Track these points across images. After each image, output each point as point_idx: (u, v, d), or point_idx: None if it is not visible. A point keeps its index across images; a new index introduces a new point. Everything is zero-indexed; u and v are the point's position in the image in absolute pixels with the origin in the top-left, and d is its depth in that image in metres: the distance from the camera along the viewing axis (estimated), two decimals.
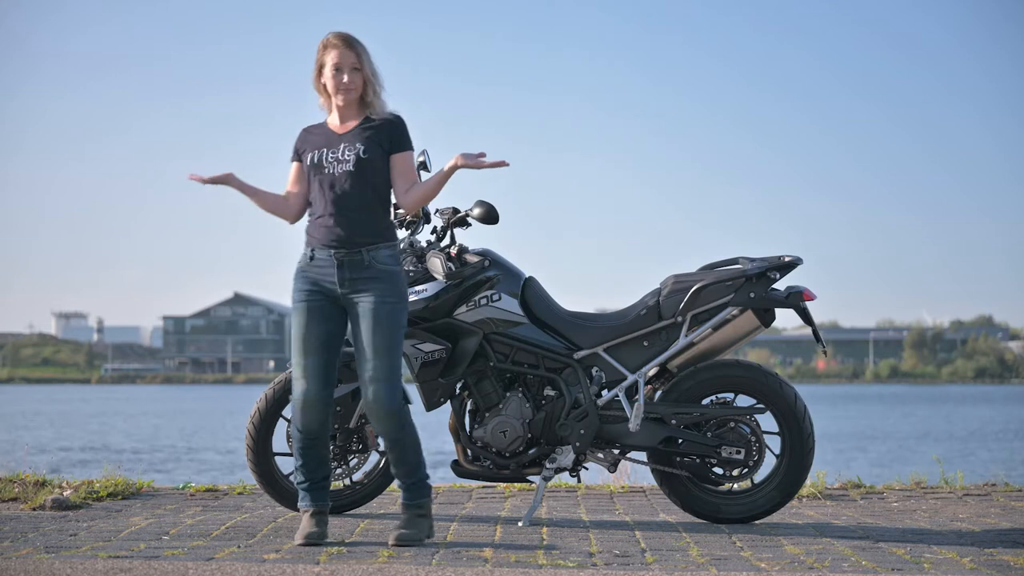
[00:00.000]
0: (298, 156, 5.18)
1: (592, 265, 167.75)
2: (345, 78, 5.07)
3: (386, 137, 5.08)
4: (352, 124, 5.13)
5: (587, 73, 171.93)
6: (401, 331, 5.05)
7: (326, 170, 5.07)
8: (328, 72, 5.09)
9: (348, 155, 5.06)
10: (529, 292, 5.74)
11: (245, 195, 5.18)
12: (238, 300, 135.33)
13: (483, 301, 5.63)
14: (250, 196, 5.19)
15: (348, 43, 5.08)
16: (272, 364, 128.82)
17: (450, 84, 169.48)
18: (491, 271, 5.65)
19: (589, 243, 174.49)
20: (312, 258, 5.09)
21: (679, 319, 5.65)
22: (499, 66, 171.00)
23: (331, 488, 5.52)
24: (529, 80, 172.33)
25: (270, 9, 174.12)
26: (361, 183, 5.04)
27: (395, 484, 6.03)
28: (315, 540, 4.97)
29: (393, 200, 5.32)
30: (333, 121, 5.17)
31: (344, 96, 5.09)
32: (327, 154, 5.08)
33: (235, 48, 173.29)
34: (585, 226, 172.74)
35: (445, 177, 5.09)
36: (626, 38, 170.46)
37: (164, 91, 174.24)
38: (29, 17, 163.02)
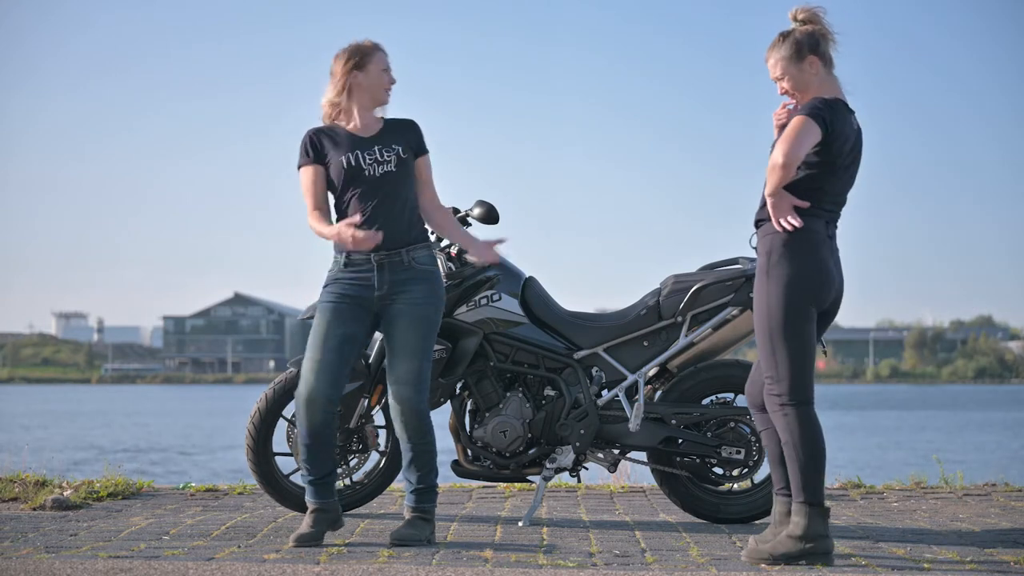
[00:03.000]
0: (320, 158, 5.09)
1: (592, 265, 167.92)
2: (393, 78, 5.16)
3: (414, 139, 5.15)
4: (377, 127, 5.13)
5: (587, 73, 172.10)
6: (434, 334, 5.08)
7: (366, 172, 5.03)
8: (376, 72, 5.10)
9: (387, 156, 5.04)
10: (529, 292, 5.74)
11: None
12: (238, 300, 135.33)
13: (483, 301, 5.63)
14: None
15: (383, 48, 5.18)
16: (272, 364, 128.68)
17: (450, 84, 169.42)
18: (491, 271, 5.65)
19: (589, 243, 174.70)
20: (347, 264, 5.04)
21: (679, 319, 5.65)
22: (499, 66, 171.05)
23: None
24: (529, 80, 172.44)
25: (270, 9, 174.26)
26: (401, 184, 5.05)
27: (395, 484, 6.04)
28: (306, 542, 4.93)
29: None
30: (354, 124, 5.12)
31: (388, 96, 5.16)
32: (363, 156, 5.04)
33: (235, 48, 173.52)
34: (585, 226, 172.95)
35: (460, 239, 5.22)
36: (626, 38, 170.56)
37: (164, 91, 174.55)
38: (29, 17, 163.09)
